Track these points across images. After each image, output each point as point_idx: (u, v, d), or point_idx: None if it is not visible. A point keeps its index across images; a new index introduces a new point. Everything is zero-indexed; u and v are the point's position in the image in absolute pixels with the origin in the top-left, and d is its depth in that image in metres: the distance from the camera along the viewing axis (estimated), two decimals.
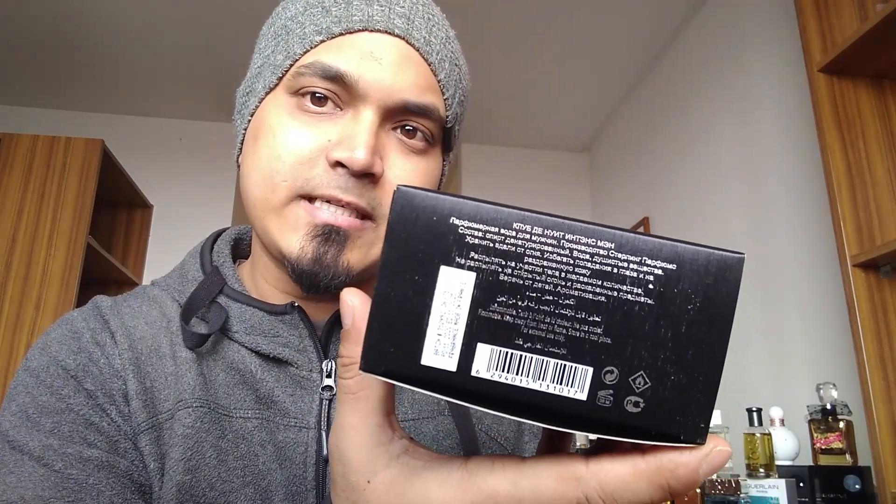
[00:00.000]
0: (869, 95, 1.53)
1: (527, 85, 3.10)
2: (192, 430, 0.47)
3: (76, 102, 3.27)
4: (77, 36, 2.75)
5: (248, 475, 0.48)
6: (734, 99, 2.29)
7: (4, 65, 2.96)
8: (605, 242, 0.25)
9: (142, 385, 0.49)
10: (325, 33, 0.51)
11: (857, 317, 1.36)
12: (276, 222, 0.51)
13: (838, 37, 1.53)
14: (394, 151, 0.52)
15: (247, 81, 0.58)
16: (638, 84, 3.07)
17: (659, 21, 2.63)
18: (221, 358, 0.52)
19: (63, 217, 2.21)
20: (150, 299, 0.56)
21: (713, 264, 0.25)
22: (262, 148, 0.52)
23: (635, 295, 0.24)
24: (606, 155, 3.49)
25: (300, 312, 0.53)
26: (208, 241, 0.60)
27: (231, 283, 0.56)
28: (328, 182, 0.50)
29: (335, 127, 0.51)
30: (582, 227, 0.25)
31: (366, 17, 0.51)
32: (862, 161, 1.47)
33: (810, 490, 1.35)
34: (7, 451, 0.46)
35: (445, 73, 0.54)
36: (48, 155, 2.26)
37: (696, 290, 0.24)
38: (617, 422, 0.24)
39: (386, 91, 0.50)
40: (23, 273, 2.15)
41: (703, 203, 2.46)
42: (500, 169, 3.66)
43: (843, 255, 1.41)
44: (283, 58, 0.53)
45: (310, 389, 0.52)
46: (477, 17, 2.60)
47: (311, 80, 0.50)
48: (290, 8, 0.55)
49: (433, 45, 0.54)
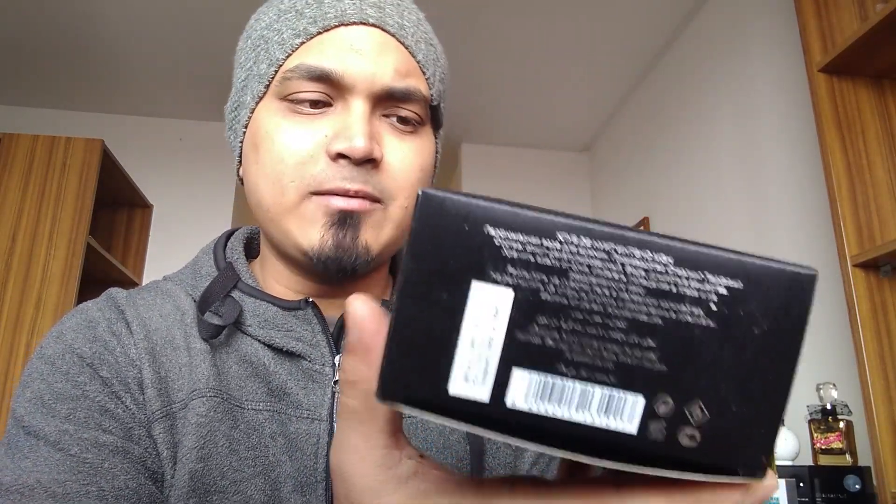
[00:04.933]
0: (869, 95, 1.53)
1: (527, 85, 3.10)
2: (205, 419, 0.48)
3: (76, 102, 3.27)
4: (77, 36, 2.75)
5: (258, 465, 0.48)
6: (734, 99, 2.29)
7: (4, 65, 2.96)
8: (663, 256, 0.22)
9: (157, 374, 0.50)
10: (303, 35, 0.53)
11: (857, 317, 1.36)
12: (294, 221, 0.52)
13: (838, 37, 1.53)
14: (388, 136, 0.54)
15: (233, 97, 0.59)
16: (638, 84, 3.07)
17: (659, 21, 2.63)
18: (235, 351, 0.53)
19: (63, 217, 2.21)
20: (164, 293, 0.57)
21: (784, 282, 0.22)
22: (264, 155, 0.53)
23: (695, 316, 0.22)
24: (606, 155, 3.49)
25: (313, 308, 0.55)
26: (221, 239, 0.62)
27: (245, 279, 0.57)
28: (333, 175, 0.51)
29: (329, 122, 0.52)
30: (636, 237, 0.22)
31: (339, 13, 0.53)
32: (862, 161, 1.47)
33: (810, 490, 1.35)
34: (22, 437, 0.46)
35: (423, 54, 0.56)
36: (48, 155, 2.26)
37: (764, 311, 0.22)
38: (670, 456, 0.22)
39: (370, 80, 0.52)
40: (23, 273, 2.15)
41: (703, 203, 2.46)
42: (500, 169, 3.67)
43: (843, 255, 1.41)
44: (266, 66, 0.54)
45: (322, 383, 0.53)
46: (477, 16, 2.60)
47: (298, 83, 0.52)
48: (262, 19, 0.57)
49: (407, 29, 0.55)
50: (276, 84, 0.53)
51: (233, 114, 0.59)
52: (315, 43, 0.52)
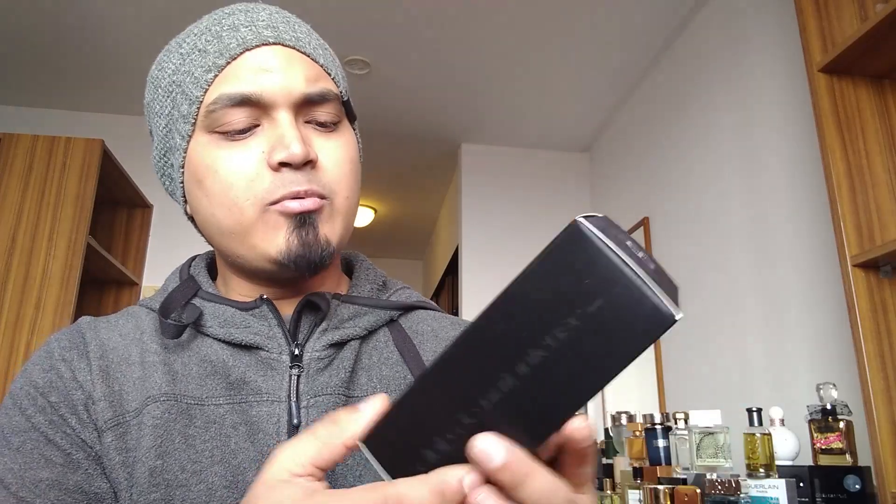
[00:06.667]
0: (869, 95, 1.53)
1: (527, 85, 3.10)
2: (160, 421, 0.54)
3: (76, 102, 3.27)
4: (77, 36, 2.75)
5: (216, 455, 0.53)
6: (734, 99, 2.29)
7: (4, 65, 2.96)
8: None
9: (110, 389, 0.56)
10: (213, 69, 0.57)
11: (857, 317, 1.36)
12: (259, 234, 0.56)
13: (838, 37, 1.53)
14: (315, 138, 0.59)
15: (158, 146, 0.62)
16: (638, 84, 3.07)
17: (659, 21, 2.63)
18: (195, 354, 0.58)
19: (63, 217, 2.21)
20: (130, 314, 0.63)
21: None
22: (212, 185, 0.57)
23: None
24: (606, 155, 3.49)
25: (269, 305, 0.59)
26: (186, 261, 0.68)
27: (206, 288, 0.62)
28: (281, 183, 0.55)
29: (262, 139, 0.57)
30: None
31: (241, 41, 0.57)
32: (862, 161, 1.47)
33: (810, 490, 1.35)
34: None
35: (323, 59, 0.61)
36: (48, 155, 2.26)
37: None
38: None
39: (287, 92, 0.57)
40: (23, 273, 2.14)
41: (703, 203, 2.46)
42: (500, 169, 3.67)
43: (843, 255, 1.41)
44: (187, 106, 0.58)
45: (279, 370, 0.57)
46: (477, 17, 2.60)
47: (223, 113, 0.56)
48: (167, 67, 0.60)
49: (303, 40, 0.60)
50: (202, 119, 0.57)
51: (163, 160, 0.62)
52: (227, 73, 0.56)
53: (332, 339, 0.58)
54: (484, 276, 3.47)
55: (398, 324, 0.65)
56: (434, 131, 3.59)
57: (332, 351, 0.58)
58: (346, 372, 0.58)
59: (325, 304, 0.59)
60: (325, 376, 0.57)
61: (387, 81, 3.06)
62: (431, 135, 3.63)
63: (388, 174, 4.24)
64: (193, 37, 0.60)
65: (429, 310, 0.69)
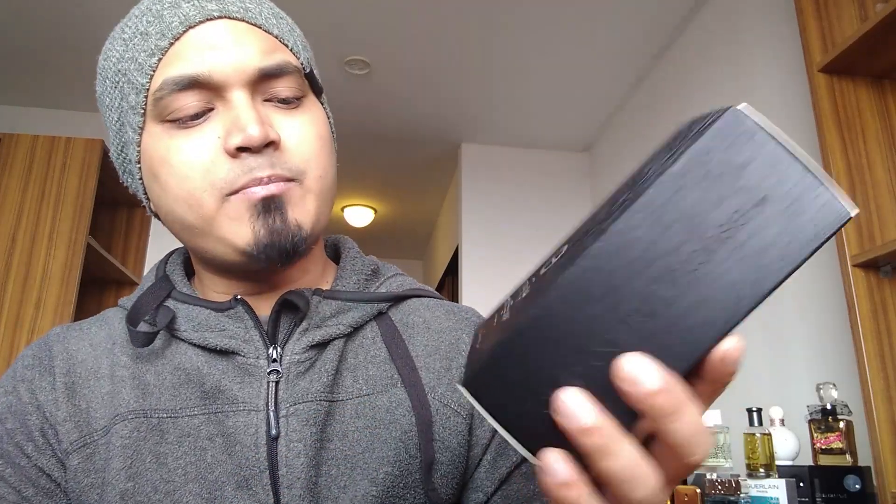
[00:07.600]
0: (869, 95, 1.52)
1: (527, 85, 3.10)
2: (129, 441, 0.51)
3: (76, 102, 3.27)
4: (77, 36, 2.75)
5: (190, 472, 0.50)
6: (734, 99, 2.29)
7: (4, 65, 2.96)
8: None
9: (76, 407, 0.54)
10: (157, 52, 0.52)
11: (857, 317, 1.36)
12: (223, 226, 0.51)
13: (838, 37, 1.53)
14: (276, 117, 0.53)
15: (114, 140, 0.58)
16: (638, 84, 3.07)
17: (659, 21, 2.63)
18: (169, 361, 0.55)
19: (63, 217, 2.21)
20: (104, 320, 0.60)
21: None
22: (167, 178, 0.52)
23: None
24: (606, 155, 3.49)
25: (244, 305, 0.55)
26: (164, 257, 0.64)
27: (180, 288, 0.58)
28: (241, 171, 0.50)
29: (216, 123, 0.52)
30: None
31: (183, 18, 0.52)
32: (862, 161, 1.47)
33: (810, 490, 1.35)
34: None
35: (278, 29, 0.55)
36: (48, 155, 2.26)
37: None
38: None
39: (240, 68, 0.51)
40: (23, 273, 2.15)
41: None
42: (500, 169, 3.67)
43: (843, 255, 1.41)
44: (135, 95, 0.53)
45: (257, 376, 0.53)
46: (478, 17, 2.60)
47: (172, 99, 0.51)
48: (111, 55, 0.55)
49: (252, 10, 0.54)
50: (150, 108, 0.52)
51: (121, 157, 0.58)
52: (171, 55, 0.51)
53: (314, 340, 0.54)
54: (484, 276, 3.47)
55: (387, 316, 0.60)
56: (434, 131, 3.59)
57: (314, 352, 0.54)
58: (328, 375, 0.53)
59: (303, 302, 0.54)
60: (306, 381, 0.53)
61: (387, 81, 3.06)
62: (431, 135, 3.63)
63: (388, 174, 4.23)
64: (135, 19, 0.54)
65: (423, 297, 0.64)
